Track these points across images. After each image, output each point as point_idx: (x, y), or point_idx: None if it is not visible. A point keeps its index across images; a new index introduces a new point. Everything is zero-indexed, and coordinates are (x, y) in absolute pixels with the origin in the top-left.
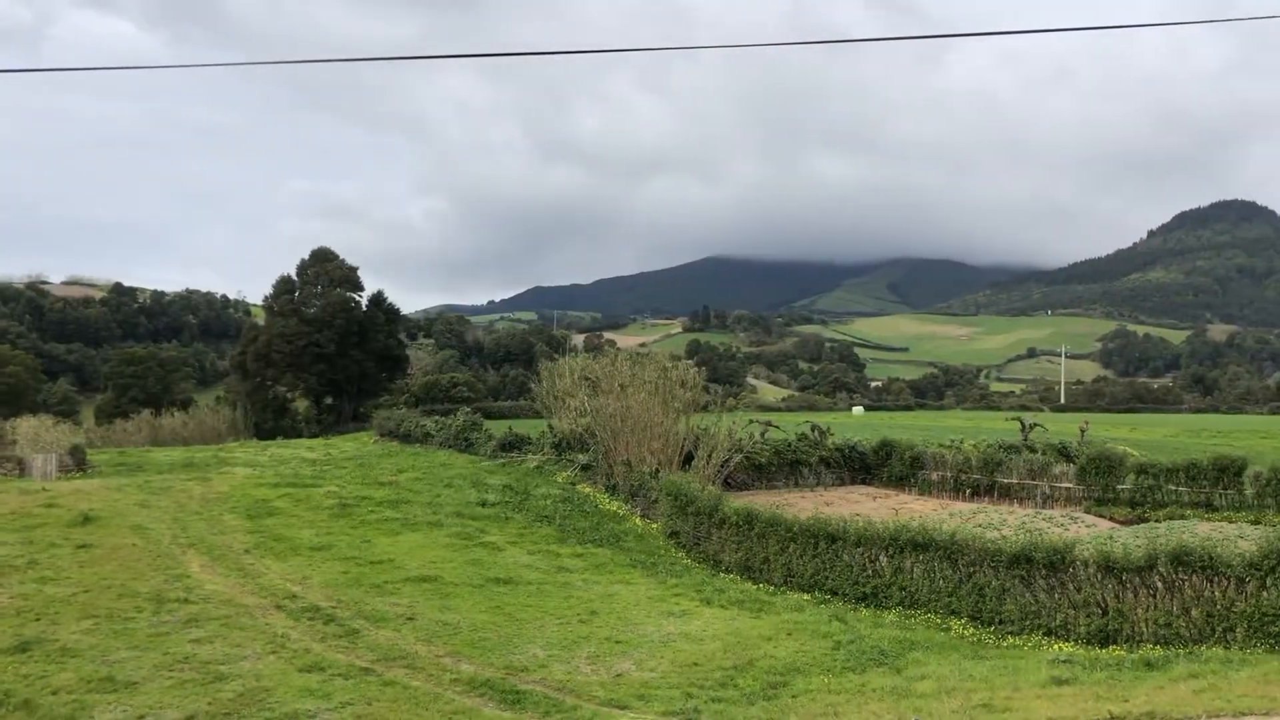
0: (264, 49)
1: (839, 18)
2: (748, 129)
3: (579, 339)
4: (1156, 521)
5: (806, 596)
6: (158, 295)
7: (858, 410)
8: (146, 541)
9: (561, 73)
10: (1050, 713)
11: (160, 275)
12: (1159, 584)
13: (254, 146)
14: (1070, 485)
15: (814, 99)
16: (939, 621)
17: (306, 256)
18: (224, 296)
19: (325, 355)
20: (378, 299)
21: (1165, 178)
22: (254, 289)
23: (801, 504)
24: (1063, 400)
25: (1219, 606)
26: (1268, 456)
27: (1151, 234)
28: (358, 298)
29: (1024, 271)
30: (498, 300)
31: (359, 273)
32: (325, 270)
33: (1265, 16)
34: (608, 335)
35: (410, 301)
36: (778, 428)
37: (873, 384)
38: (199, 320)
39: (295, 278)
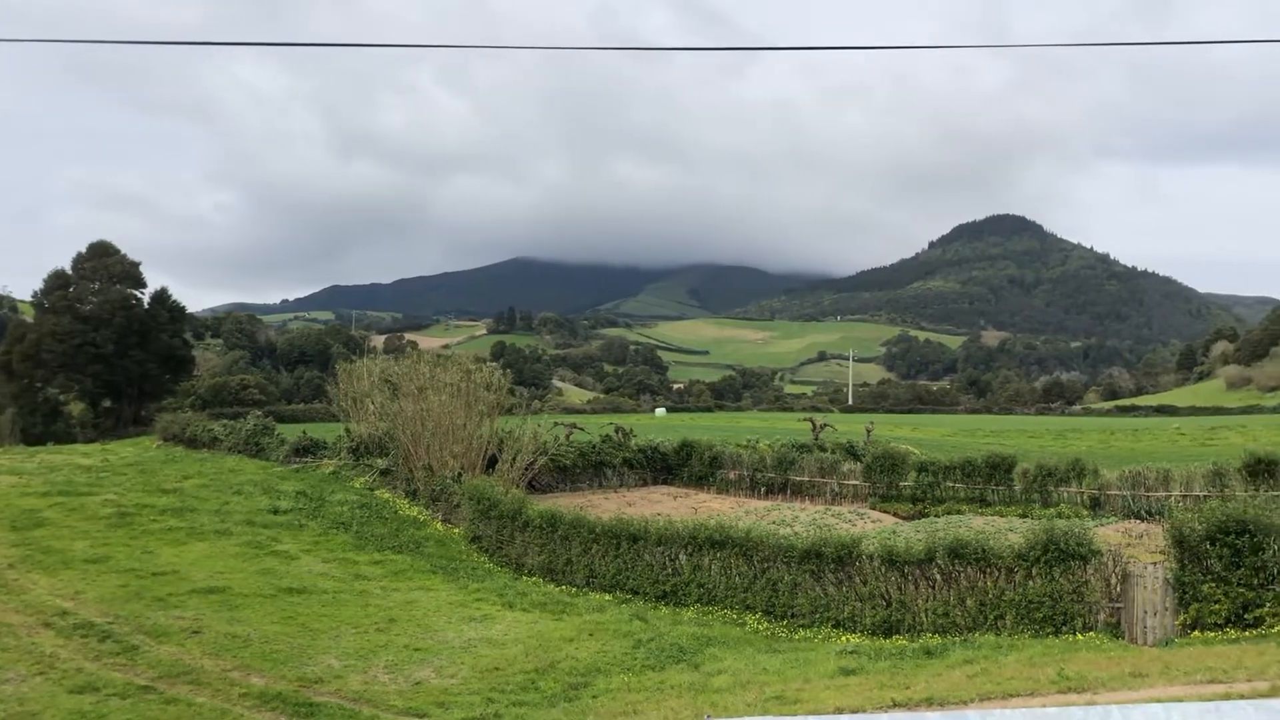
0: (37, 26)
1: (645, 24)
2: (554, 130)
3: (379, 340)
4: (936, 516)
5: (608, 597)
6: None
7: (660, 412)
8: None
9: (361, 65)
10: (838, 702)
11: None
12: (938, 576)
13: (24, 131)
14: (857, 483)
15: (619, 104)
16: (735, 617)
17: (84, 250)
18: None
19: (102, 355)
20: (161, 296)
21: (947, 192)
22: (22, 284)
23: (605, 505)
24: (851, 401)
25: (991, 596)
26: (1034, 454)
27: (932, 245)
28: (139, 295)
29: (816, 279)
30: (292, 299)
31: (142, 268)
32: (104, 265)
33: (1038, 44)
34: (410, 336)
35: (199, 299)
36: (583, 430)
37: (675, 386)
38: None
39: (70, 272)
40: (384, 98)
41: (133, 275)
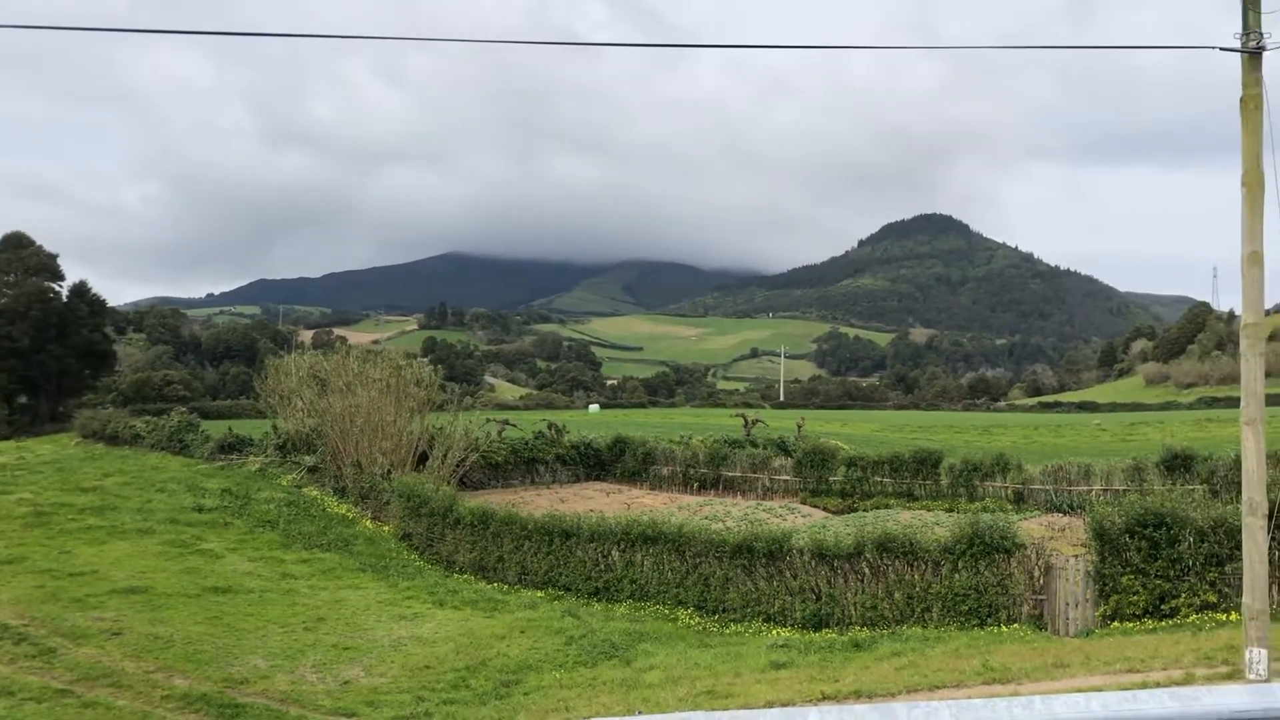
0: None
1: (579, 20)
2: (487, 125)
3: (307, 335)
4: (864, 511)
5: (540, 594)
6: None
7: (594, 408)
8: None
9: (292, 55)
10: (769, 696)
11: None
12: (866, 569)
13: None
14: (788, 478)
15: (553, 99)
16: (667, 612)
17: None
18: None
19: (18, 350)
20: (81, 289)
21: (877, 191)
22: None
23: (537, 502)
24: (782, 398)
25: (918, 589)
26: (960, 450)
27: (862, 243)
28: (57, 288)
29: (748, 276)
30: (218, 293)
31: (60, 260)
32: (19, 257)
33: (967, 46)
34: (339, 332)
35: (122, 293)
36: (515, 426)
37: (609, 382)
38: None
39: None
40: (314, 89)
41: (50, 268)
